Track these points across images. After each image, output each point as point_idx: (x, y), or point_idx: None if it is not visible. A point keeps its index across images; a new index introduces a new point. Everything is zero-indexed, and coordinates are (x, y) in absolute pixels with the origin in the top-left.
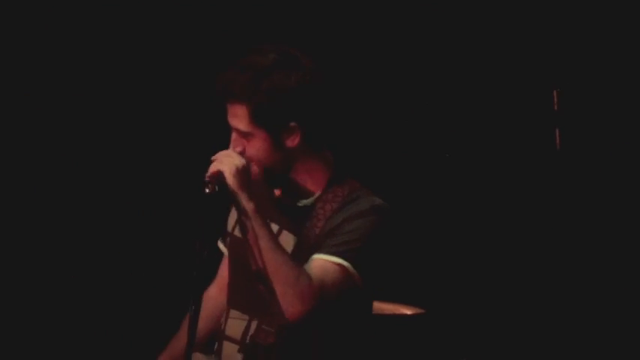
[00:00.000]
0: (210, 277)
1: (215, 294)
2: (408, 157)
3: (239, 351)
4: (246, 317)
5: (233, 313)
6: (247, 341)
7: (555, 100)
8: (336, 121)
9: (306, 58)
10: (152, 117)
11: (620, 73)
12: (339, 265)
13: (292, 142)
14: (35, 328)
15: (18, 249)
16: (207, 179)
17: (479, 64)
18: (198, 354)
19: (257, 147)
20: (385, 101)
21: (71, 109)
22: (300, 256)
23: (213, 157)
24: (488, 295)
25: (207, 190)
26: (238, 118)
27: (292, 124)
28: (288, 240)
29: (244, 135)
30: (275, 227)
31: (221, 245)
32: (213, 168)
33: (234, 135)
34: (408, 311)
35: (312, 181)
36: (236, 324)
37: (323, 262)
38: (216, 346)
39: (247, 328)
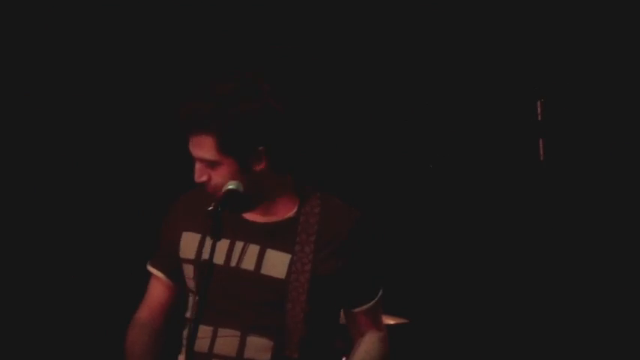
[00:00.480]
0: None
1: (148, 319)
2: (391, 167)
3: None
4: (238, 334)
5: (222, 332)
6: (245, 357)
7: (539, 110)
8: (297, 140)
9: (264, 81)
10: (151, 117)
11: (605, 83)
12: (380, 297)
13: (259, 165)
14: (35, 328)
15: (18, 249)
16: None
17: (463, 75)
18: None
19: (224, 174)
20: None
21: (71, 109)
22: (297, 272)
23: None
24: (471, 305)
25: (210, 209)
26: (205, 148)
27: (260, 148)
28: (273, 257)
29: (210, 164)
30: (240, 244)
31: (152, 269)
32: None
33: (198, 165)
34: (391, 321)
35: (282, 199)
36: (227, 342)
37: (375, 305)
38: None
39: (242, 344)
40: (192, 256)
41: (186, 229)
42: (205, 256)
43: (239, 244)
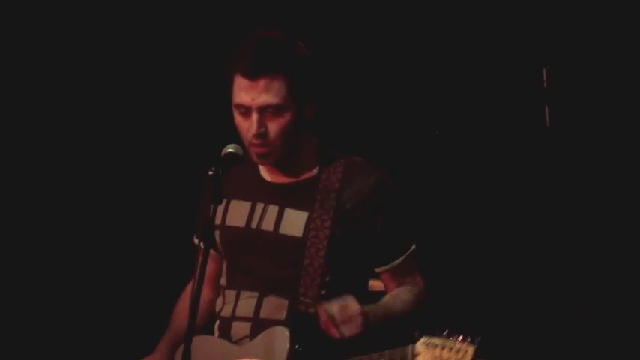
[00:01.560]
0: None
1: (207, 294)
2: (398, 137)
3: (252, 327)
4: (256, 295)
5: (244, 294)
6: (260, 317)
7: (545, 77)
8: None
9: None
10: (150, 117)
11: (610, 50)
12: (410, 254)
13: (310, 115)
14: (35, 328)
15: (17, 249)
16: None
17: (468, 42)
18: (203, 336)
19: (286, 121)
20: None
21: (71, 109)
22: (316, 228)
23: (322, 317)
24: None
25: (210, 172)
26: (273, 91)
27: (313, 98)
28: (292, 216)
29: (275, 110)
30: (261, 205)
31: (195, 239)
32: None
33: (257, 116)
34: None
35: (306, 159)
36: (247, 303)
37: (404, 263)
38: (218, 332)
39: (259, 304)
40: (218, 222)
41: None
42: (230, 222)
43: (259, 206)
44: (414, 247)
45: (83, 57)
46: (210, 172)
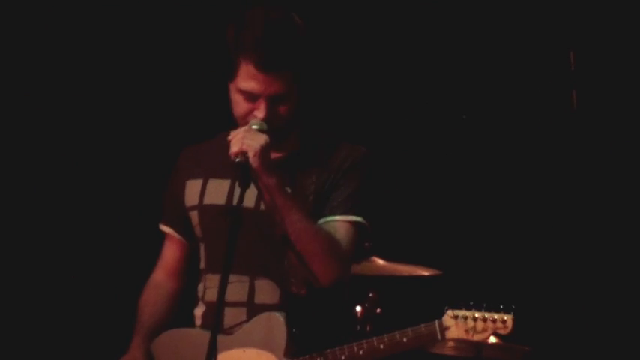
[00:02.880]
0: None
1: (162, 279)
2: (426, 118)
3: (247, 312)
4: (247, 279)
5: (231, 277)
6: (255, 302)
7: (572, 60)
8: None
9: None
10: (149, 116)
11: (638, 32)
12: (355, 222)
13: (301, 96)
14: (35, 328)
15: (18, 249)
16: (232, 156)
17: (496, 25)
18: (182, 329)
19: (291, 106)
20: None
21: (71, 109)
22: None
23: (230, 137)
24: (503, 256)
25: (237, 160)
26: (283, 82)
27: (309, 79)
28: None
29: (282, 97)
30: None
31: (163, 226)
32: (236, 147)
33: (265, 104)
34: (425, 272)
35: (291, 137)
36: (237, 287)
37: (342, 223)
38: (201, 320)
39: (251, 289)
40: (195, 202)
41: (188, 178)
42: (208, 200)
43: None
44: (358, 219)
45: (82, 57)
46: (237, 160)
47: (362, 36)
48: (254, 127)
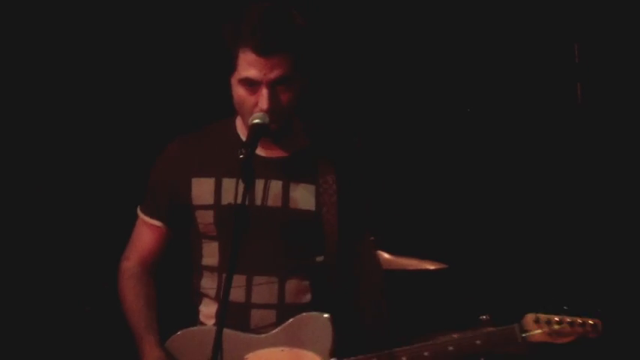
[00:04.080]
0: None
1: (142, 271)
2: (431, 112)
3: (277, 314)
4: (276, 280)
5: (258, 279)
6: (285, 302)
7: (576, 53)
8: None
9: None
10: (149, 116)
11: None
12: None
13: (305, 89)
14: (35, 328)
15: (17, 249)
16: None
17: (500, 19)
18: (203, 327)
19: (295, 92)
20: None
21: (70, 109)
22: (326, 203)
23: None
24: (508, 250)
25: (240, 156)
26: (285, 65)
27: (312, 68)
28: (299, 189)
29: (286, 83)
30: (261, 182)
31: (146, 216)
32: None
33: (267, 91)
34: (431, 266)
35: (295, 131)
36: (265, 289)
37: (370, 242)
38: (213, 320)
39: (281, 290)
40: (210, 201)
41: (193, 175)
42: (226, 200)
43: (260, 182)
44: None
45: (82, 57)
46: (241, 156)
47: (366, 28)
48: (256, 120)
